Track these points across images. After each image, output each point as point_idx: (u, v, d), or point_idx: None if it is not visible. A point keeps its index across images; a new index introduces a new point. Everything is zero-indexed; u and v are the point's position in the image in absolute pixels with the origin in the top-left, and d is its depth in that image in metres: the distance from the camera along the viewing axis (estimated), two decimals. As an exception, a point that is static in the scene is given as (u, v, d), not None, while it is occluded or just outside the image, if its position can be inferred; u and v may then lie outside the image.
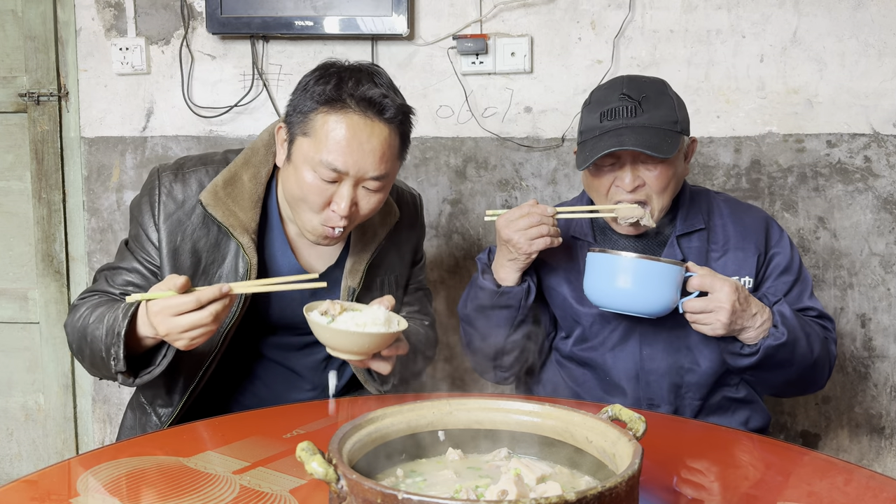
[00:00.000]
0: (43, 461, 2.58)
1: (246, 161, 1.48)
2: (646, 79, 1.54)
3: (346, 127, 1.32)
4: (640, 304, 1.41)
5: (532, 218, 1.46)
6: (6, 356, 2.55)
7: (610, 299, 1.44)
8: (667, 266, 1.39)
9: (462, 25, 2.24)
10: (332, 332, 1.25)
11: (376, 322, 1.28)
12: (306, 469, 0.74)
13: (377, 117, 1.34)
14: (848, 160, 2.16)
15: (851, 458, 2.24)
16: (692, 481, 1.11)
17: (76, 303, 1.46)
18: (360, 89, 1.33)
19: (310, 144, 1.34)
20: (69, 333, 1.43)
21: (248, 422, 1.31)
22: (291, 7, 2.23)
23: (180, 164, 1.50)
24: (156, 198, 1.45)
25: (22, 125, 2.46)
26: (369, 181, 1.35)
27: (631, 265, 1.40)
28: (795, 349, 1.43)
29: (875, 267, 2.18)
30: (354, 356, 1.30)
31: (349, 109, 1.33)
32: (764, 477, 1.10)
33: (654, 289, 1.39)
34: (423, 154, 2.32)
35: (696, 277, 1.40)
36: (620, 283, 1.40)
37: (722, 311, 1.37)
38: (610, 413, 0.91)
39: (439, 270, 2.36)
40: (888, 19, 2.11)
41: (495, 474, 0.90)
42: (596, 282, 1.45)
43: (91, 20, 2.39)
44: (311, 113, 1.34)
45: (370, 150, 1.33)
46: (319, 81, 1.35)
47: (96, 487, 1.01)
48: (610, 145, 1.43)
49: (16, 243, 2.51)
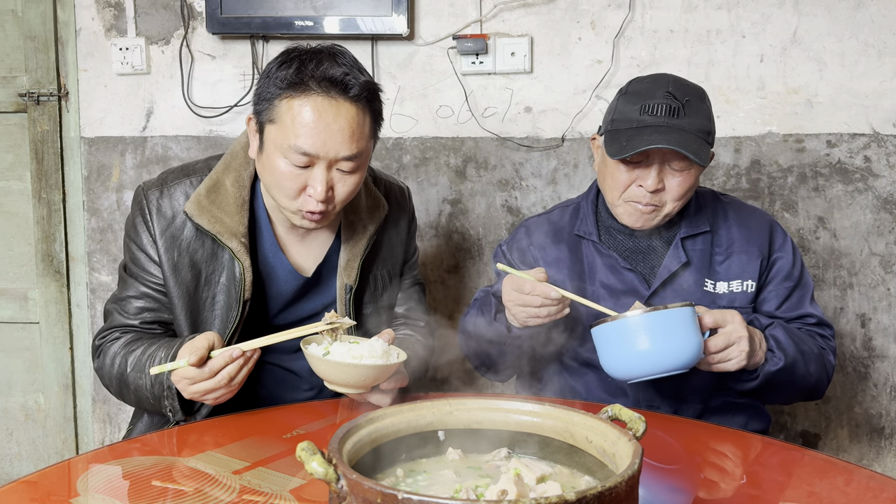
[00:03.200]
0: (43, 461, 2.58)
1: (226, 166, 1.47)
2: (690, 83, 1.51)
3: (310, 109, 1.30)
4: (671, 360, 1.27)
5: (532, 299, 1.37)
6: (6, 356, 2.55)
7: (636, 368, 1.28)
8: (680, 311, 1.26)
9: (462, 25, 2.24)
10: (327, 365, 1.24)
11: (373, 354, 1.26)
12: (306, 469, 0.74)
13: (341, 96, 1.32)
14: (848, 160, 2.16)
15: (851, 458, 2.24)
16: (692, 481, 1.11)
17: (99, 344, 1.47)
18: (321, 69, 1.31)
19: (277, 131, 1.33)
20: (104, 377, 1.45)
21: (248, 422, 1.31)
22: (291, 7, 2.23)
23: (163, 178, 1.49)
24: (147, 216, 1.45)
25: (22, 125, 2.46)
26: (342, 162, 1.34)
27: (644, 323, 1.26)
28: (794, 371, 1.43)
29: (875, 267, 2.18)
30: (352, 389, 1.28)
31: (312, 91, 1.31)
32: (764, 477, 1.10)
33: (677, 338, 1.26)
34: (423, 154, 2.32)
35: (706, 316, 1.33)
36: (641, 347, 1.26)
37: (743, 341, 1.32)
38: (610, 413, 0.91)
39: (439, 270, 2.36)
40: (888, 19, 2.11)
41: (495, 474, 0.90)
42: (614, 355, 1.30)
43: (91, 20, 2.39)
44: (275, 99, 1.33)
45: (338, 130, 1.31)
46: (281, 67, 1.34)
47: (96, 487, 1.01)
48: (654, 142, 1.40)
49: (16, 243, 2.51)
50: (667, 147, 1.40)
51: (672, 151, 1.42)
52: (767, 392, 1.47)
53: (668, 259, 1.53)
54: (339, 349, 1.27)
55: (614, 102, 1.54)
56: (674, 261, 1.53)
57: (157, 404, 1.36)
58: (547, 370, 1.68)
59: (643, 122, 1.44)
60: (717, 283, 1.54)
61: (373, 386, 1.29)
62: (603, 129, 1.55)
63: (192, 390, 1.26)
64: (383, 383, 1.30)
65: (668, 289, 1.54)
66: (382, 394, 1.32)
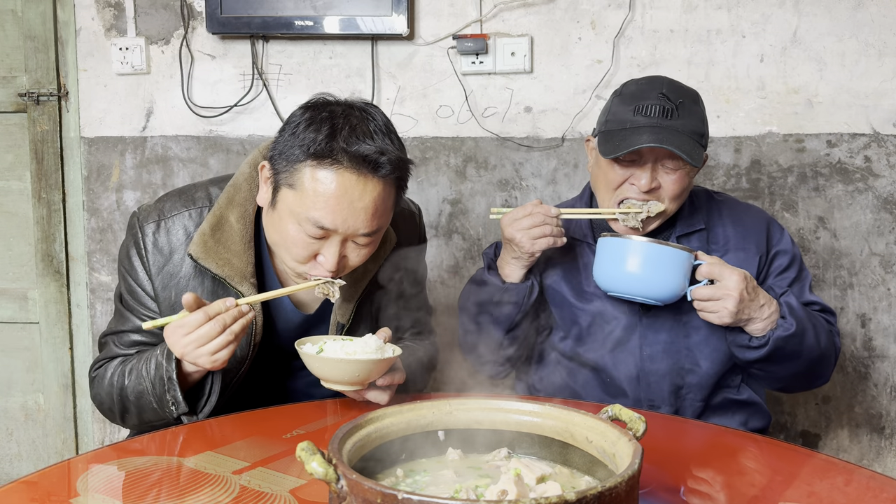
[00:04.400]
0: (43, 461, 2.58)
1: (230, 200, 1.38)
2: (684, 86, 1.53)
3: (336, 185, 1.22)
4: (650, 288, 1.42)
5: (535, 218, 1.47)
6: (6, 356, 2.55)
7: (619, 284, 1.45)
8: (676, 251, 1.41)
9: (462, 25, 2.24)
10: (321, 362, 1.23)
11: (367, 350, 1.24)
12: (306, 469, 0.74)
13: (371, 174, 1.24)
14: (848, 160, 2.16)
15: (851, 458, 2.24)
16: (692, 481, 1.11)
17: (94, 374, 1.42)
18: (354, 144, 1.22)
19: (296, 198, 1.25)
20: (103, 403, 1.40)
21: (248, 422, 1.30)
22: (291, 7, 2.23)
23: (160, 209, 1.40)
24: (142, 251, 1.39)
25: (22, 125, 2.46)
26: (360, 237, 1.28)
27: (641, 249, 1.41)
28: (804, 340, 1.43)
29: (875, 267, 2.18)
30: (348, 386, 1.26)
31: (340, 166, 1.22)
32: (764, 477, 1.10)
33: (663, 274, 1.40)
34: (423, 154, 2.32)
35: (704, 265, 1.41)
36: (630, 268, 1.42)
37: (729, 299, 1.38)
38: (610, 413, 0.91)
39: (439, 270, 2.36)
40: (888, 19, 2.11)
41: (495, 474, 0.90)
42: (606, 266, 1.46)
43: (91, 20, 2.39)
44: (299, 164, 1.24)
45: (362, 209, 1.24)
46: (309, 128, 1.24)
47: (96, 487, 1.01)
48: (647, 141, 1.42)
49: (16, 243, 2.51)
50: (659, 146, 1.41)
51: (665, 151, 1.44)
52: (776, 362, 1.46)
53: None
54: (332, 347, 1.27)
55: (608, 104, 1.56)
56: None
57: (160, 407, 1.31)
58: (546, 370, 1.68)
59: (636, 122, 1.46)
60: None
61: (369, 382, 1.27)
62: (597, 129, 1.56)
63: (186, 341, 1.20)
64: (379, 379, 1.28)
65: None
66: (379, 391, 1.30)
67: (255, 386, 1.48)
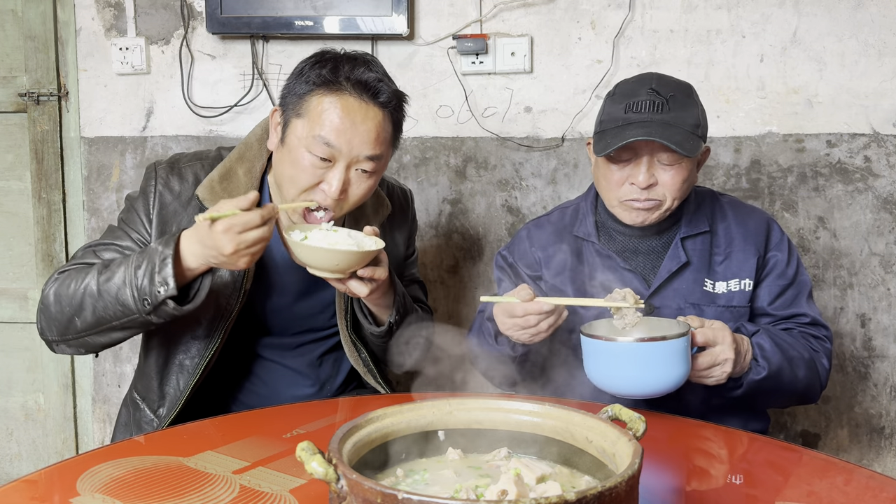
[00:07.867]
0: (43, 461, 2.58)
1: (240, 156, 1.50)
2: (675, 80, 1.53)
3: (340, 107, 1.34)
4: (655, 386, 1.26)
5: (528, 320, 1.36)
6: (6, 356, 2.55)
7: (619, 387, 1.28)
8: (675, 342, 1.23)
9: (462, 25, 2.24)
10: (304, 249, 1.30)
11: (349, 241, 1.32)
12: (306, 469, 0.74)
13: (372, 100, 1.36)
14: (848, 160, 2.16)
15: (851, 458, 2.24)
16: (692, 481, 1.11)
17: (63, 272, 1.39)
18: (356, 72, 1.36)
19: (304, 125, 1.36)
20: (60, 296, 1.35)
21: (248, 422, 1.31)
22: (291, 7, 2.23)
23: (175, 159, 1.52)
24: (152, 188, 1.47)
25: (22, 125, 2.46)
26: (364, 162, 1.37)
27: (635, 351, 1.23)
28: (780, 378, 1.43)
29: (875, 267, 2.18)
30: (330, 273, 1.32)
31: (344, 91, 1.35)
32: (763, 477, 1.10)
33: (666, 369, 1.24)
34: (423, 154, 2.32)
35: (698, 335, 1.33)
36: (628, 372, 1.24)
37: (728, 363, 1.34)
38: (610, 413, 0.91)
39: (439, 270, 2.36)
40: (888, 19, 2.11)
41: (495, 474, 0.90)
42: (600, 369, 1.29)
43: (91, 20, 2.39)
44: (307, 95, 1.36)
45: (364, 131, 1.35)
46: (315, 66, 1.38)
47: (96, 487, 1.01)
48: (635, 135, 1.42)
49: (16, 243, 2.51)
50: (647, 139, 1.41)
51: (659, 146, 1.44)
52: (755, 398, 1.47)
53: (668, 259, 1.54)
54: (317, 235, 1.34)
55: (603, 105, 1.56)
56: (674, 261, 1.53)
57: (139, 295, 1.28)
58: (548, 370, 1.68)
59: (628, 119, 1.46)
60: (717, 283, 1.54)
61: (350, 272, 1.33)
62: (593, 131, 1.57)
63: (241, 239, 1.22)
64: (360, 270, 1.34)
65: (667, 289, 1.54)
66: (360, 282, 1.36)
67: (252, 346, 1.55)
